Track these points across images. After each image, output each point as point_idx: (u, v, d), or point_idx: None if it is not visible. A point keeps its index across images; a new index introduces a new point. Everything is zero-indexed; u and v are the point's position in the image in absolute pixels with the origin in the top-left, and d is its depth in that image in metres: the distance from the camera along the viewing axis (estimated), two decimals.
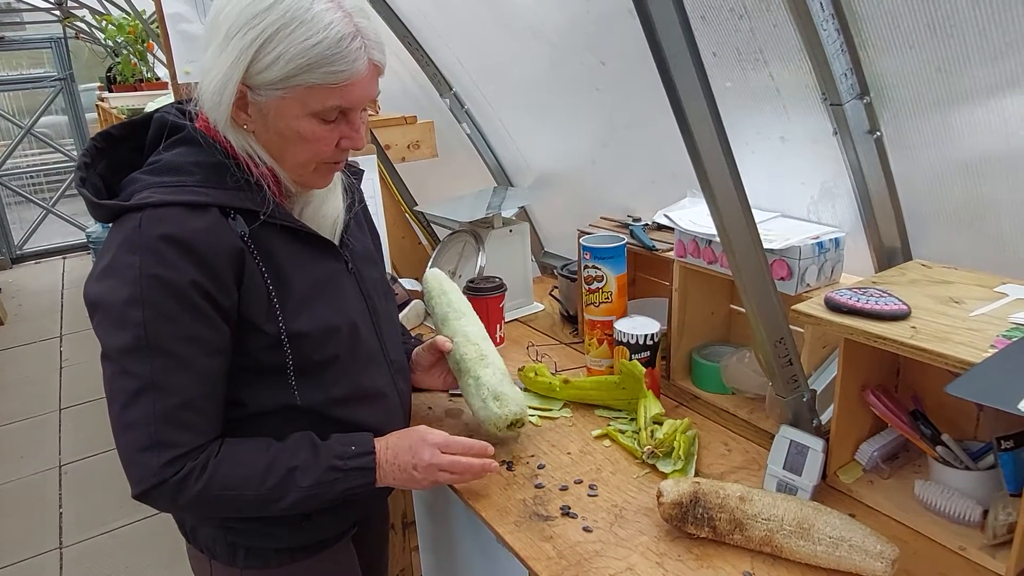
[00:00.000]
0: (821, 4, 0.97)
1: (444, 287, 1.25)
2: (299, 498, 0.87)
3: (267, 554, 0.96)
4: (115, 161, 0.90)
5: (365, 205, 1.08)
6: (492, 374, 1.13)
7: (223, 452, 0.86)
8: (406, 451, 0.95)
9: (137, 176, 0.85)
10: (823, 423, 1.02)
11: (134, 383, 0.80)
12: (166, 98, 3.29)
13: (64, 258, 6.09)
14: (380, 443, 0.95)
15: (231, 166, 0.85)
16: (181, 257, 0.79)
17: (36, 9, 5.22)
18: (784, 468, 0.99)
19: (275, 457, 0.88)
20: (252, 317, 0.85)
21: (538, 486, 1.06)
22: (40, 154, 6.17)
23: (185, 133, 0.86)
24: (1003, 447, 0.85)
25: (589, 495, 1.03)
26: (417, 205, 2.13)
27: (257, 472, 0.86)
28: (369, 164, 1.62)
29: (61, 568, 2.33)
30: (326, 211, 0.95)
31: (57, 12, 5.02)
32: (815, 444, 0.97)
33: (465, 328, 1.18)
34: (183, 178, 0.83)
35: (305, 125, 0.82)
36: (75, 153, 6.14)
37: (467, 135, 2.10)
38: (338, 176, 0.98)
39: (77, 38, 5.49)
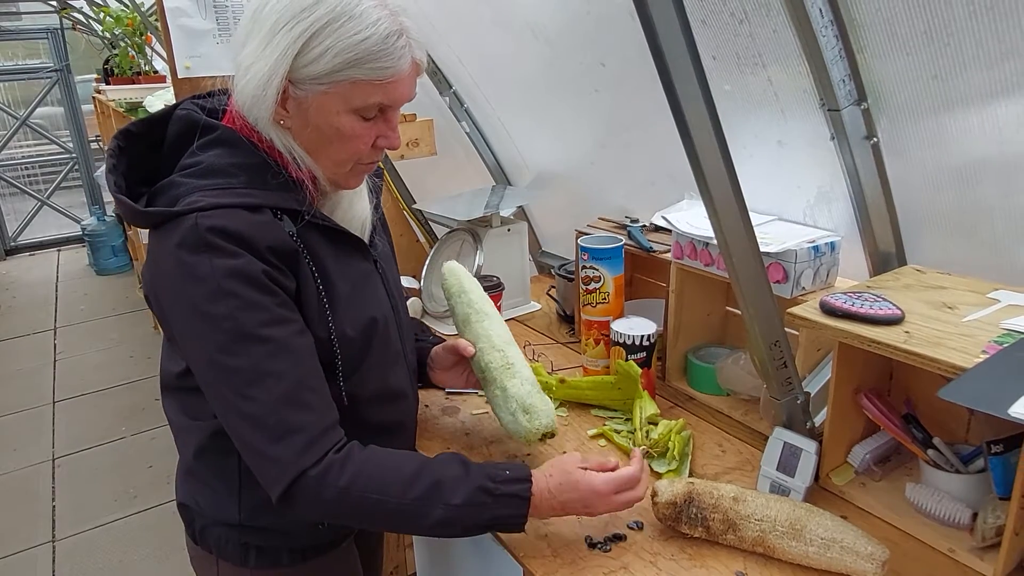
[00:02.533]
0: (820, 10, 0.98)
1: (464, 284, 1.16)
2: (445, 517, 0.82)
3: (279, 553, 0.95)
4: (132, 159, 0.88)
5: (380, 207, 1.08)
6: (520, 385, 1.06)
7: (367, 451, 0.83)
8: (571, 488, 0.87)
9: (178, 180, 0.82)
10: (816, 425, 1.03)
11: (241, 378, 0.77)
12: (164, 91, 3.27)
13: (59, 250, 6.06)
14: (539, 476, 0.88)
15: (272, 165, 0.83)
16: (246, 248, 0.78)
17: None
18: (777, 469, 1.00)
19: (424, 466, 0.84)
20: (307, 317, 0.84)
21: None
22: (35, 145, 6.13)
23: (220, 133, 0.84)
24: (993, 451, 0.86)
25: None
26: (415, 203, 2.13)
27: (404, 477, 0.82)
28: None
29: (54, 561, 2.32)
30: (355, 212, 0.95)
31: (54, 3, 4.99)
32: (808, 446, 0.98)
33: (488, 331, 1.10)
34: (229, 180, 0.81)
35: (345, 121, 0.81)
36: (71, 145, 6.11)
37: (466, 133, 2.10)
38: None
39: (74, 29, 5.45)
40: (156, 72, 4.00)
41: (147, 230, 0.83)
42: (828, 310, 0.95)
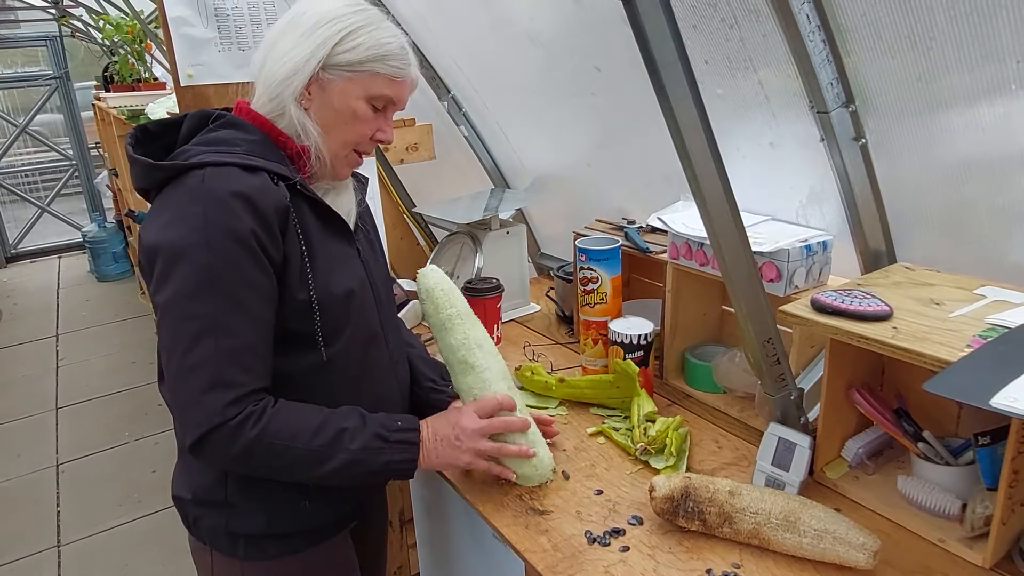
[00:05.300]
0: (808, 16, 1.00)
1: (442, 317, 1.06)
2: (345, 461, 0.91)
3: (266, 544, 0.98)
4: (148, 155, 0.94)
5: (368, 207, 1.15)
6: (521, 434, 1.04)
7: (280, 404, 0.90)
8: (446, 425, 1.00)
9: (188, 148, 0.93)
10: (810, 421, 1.05)
11: (197, 324, 0.84)
12: (166, 98, 3.30)
13: (59, 257, 6.08)
14: (424, 424, 1.00)
15: (272, 143, 0.95)
16: (243, 208, 0.86)
17: (32, 7, 5.21)
18: (772, 464, 1.02)
19: (327, 418, 0.92)
20: (288, 279, 0.91)
21: None
22: (35, 153, 6.15)
23: (228, 118, 0.96)
24: (980, 443, 0.89)
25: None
26: (415, 206, 2.15)
27: (310, 427, 0.90)
28: (368, 165, 1.63)
29: (59, 566, 2.34)
30: (342, 201, 1.03)
31: (53, 10, 5.01)
32: (802, 441, 1.00)
33: (484, 376, 1.04)
34: (233, 148, 0.91)
35: (361, 106, 0.95)
36: (70, 152, 6.13)
37: (464, 137, 2.12)
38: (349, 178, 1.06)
39: (73, 36, 5.48)
40: (156, 79, 4.02)
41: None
42: (819, 307, 0.97)
